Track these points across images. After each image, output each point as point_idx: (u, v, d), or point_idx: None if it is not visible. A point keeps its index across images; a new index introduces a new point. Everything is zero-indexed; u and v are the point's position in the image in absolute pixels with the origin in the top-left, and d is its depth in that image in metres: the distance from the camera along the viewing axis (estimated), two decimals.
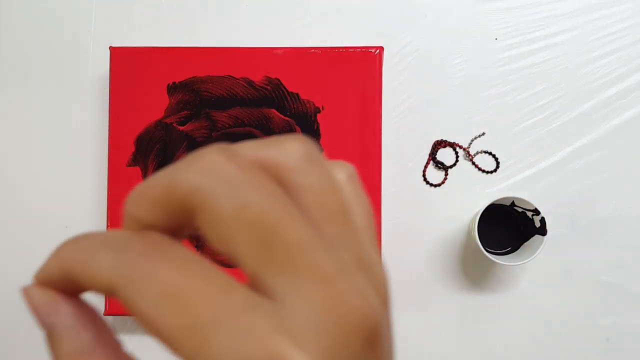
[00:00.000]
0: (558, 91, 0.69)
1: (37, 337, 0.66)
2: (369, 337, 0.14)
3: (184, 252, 0.15)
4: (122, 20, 0.69)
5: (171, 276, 0.14)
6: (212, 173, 0.14)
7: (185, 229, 0.16)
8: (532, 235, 0.63)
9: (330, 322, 0.13)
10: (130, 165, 0.64)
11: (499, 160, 0.69)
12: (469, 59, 0.69)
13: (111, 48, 0.64)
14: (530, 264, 0.67)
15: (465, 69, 0.69)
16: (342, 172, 0.17)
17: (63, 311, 0.16)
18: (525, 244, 0.64)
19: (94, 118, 0.68)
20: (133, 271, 0.14)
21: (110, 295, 0.15)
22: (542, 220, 0.61)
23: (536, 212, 0.62)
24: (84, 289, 0.16)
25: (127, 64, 0.64)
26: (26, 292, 0.17)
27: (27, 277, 0.64)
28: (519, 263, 0.61)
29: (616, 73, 0.69)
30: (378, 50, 0.64)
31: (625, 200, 0.68)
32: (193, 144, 0.64)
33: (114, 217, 0.63)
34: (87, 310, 0.16)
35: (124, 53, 0.65)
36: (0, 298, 0.67)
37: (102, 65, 0.68)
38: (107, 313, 0.62)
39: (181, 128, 0.65)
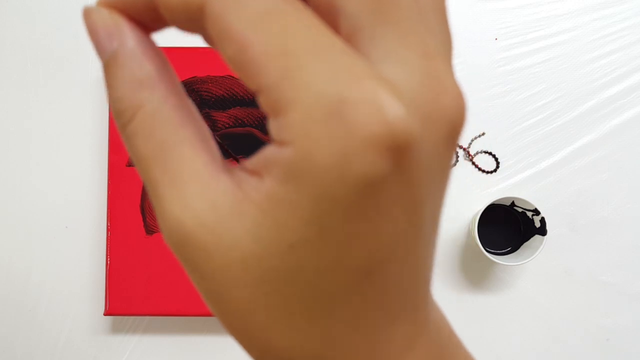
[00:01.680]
0: (558, 91, 0.69)
1: (37, 337, 0.66)
2: (456, 129, 0.13)
3: None
4: None
5: None
6: None
7: None
8: (532, 235, 0.63)
9: (428, 96, 0.13)
10: (130, 165, 0.64)
11: (499, 160, 0.69)
12: (469, 59, 0.69)
13: None
14: (530, 264, 0.67)
15: (465, 69, 0.69)
16: None
17: (128, 36, 0.14)
18: (525, 244, 0.64)
19: (94, 118, 0.68)
20: None
21: (193, 18, 0.13)
22: (542, 220, 0.61)
23: (536, 212, 0.62)
24: (162, 12, 0.14)
25: None
26: (87, 12, 0.15)
27: (27, 276, 0.64)
28: (519, 263, 0.61)
29: (616, 73, 0.69)
30: None
31: (625, 200, 0.68)
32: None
33: (114, 217, 0.63)
34: (152, 44, 0.15)
35: None
36: (0, 298, 0.67)
37: None
38: (107, 313, 0.62)
39: None
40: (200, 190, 0.14)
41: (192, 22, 0.13)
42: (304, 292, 0.14)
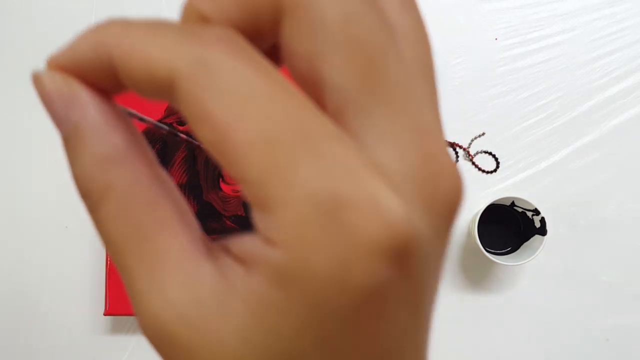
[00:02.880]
0: (558, 91, 0.69)
1: (37, 337, 0.66)
2: (455, 211, 0.12)
3: (262, 57, 0.12)
4: None
5: (256, 77, 0.11)
6: None
7: (259, 37, 0.13)
8: (532, 235, 0.63)
9: (426, 181, 0.12)
10: None
11: (499, 160, 0.69)
12: (469, 59, 0.69)
13: None
14: (530, 264, 0.67)
15: (465, 69, 0.69)
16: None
17: (89, 106, 0.13)
18: (525, 244, 0.64)
19: None
20: (209, 58, 0.11)
21: (160, 90, 0.12)
22: (542, 220, 0.61)
23: (536, 212, 0.62)
24: (123, 79, 0.12)
25: None
26: (37, 79, 0.13)
27: (27, 276, 0.64)
28: (519, 263, 0.61)
29: (616, 73, 0.69)
30: None
31: (625, 200, 0.68)
32: (193, 143, 0.65)
33: None
34: (117, 110, 0.13)
35: None
36: (0, 298, 0.67)
37: None
38: (107, 313, 0.62)
39: (181, 128, 0.65)
40: (180, 281, 0.12)
41: (159, 95, 0.12)
42: None
